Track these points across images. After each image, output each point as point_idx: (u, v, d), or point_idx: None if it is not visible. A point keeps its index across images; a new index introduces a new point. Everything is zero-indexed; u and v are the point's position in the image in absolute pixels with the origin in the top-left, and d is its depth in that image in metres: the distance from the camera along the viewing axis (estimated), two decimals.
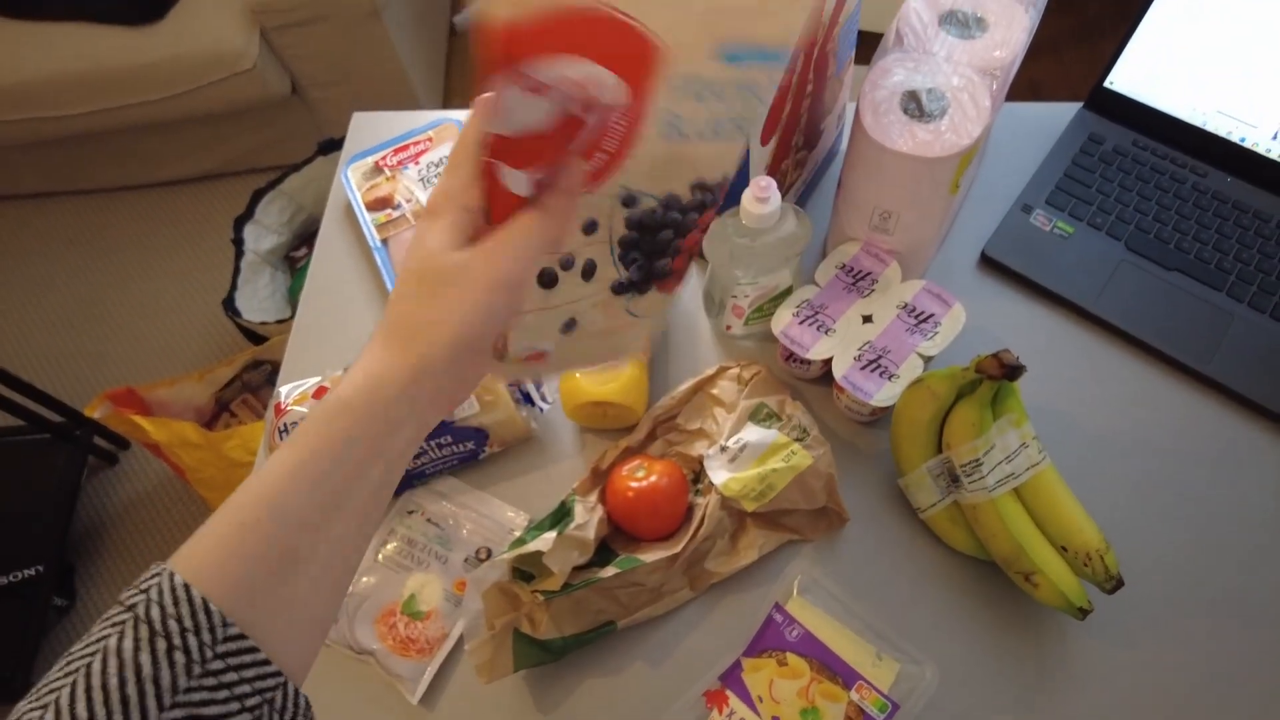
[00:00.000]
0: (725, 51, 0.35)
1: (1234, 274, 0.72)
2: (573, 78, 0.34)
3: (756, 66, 0.36)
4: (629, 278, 0.43)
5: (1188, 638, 0.60)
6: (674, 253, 0.42)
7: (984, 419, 0.58)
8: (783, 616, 0.61)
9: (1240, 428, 0.67)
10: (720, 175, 0.40)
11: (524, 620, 0.58)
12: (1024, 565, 0.58)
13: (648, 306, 0.45)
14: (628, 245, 0.41)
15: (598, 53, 0.34)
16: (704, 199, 0.41)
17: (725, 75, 0.36)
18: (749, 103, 0.38)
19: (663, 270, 0.43)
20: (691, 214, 0.41)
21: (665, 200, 0.40)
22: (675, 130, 0.37)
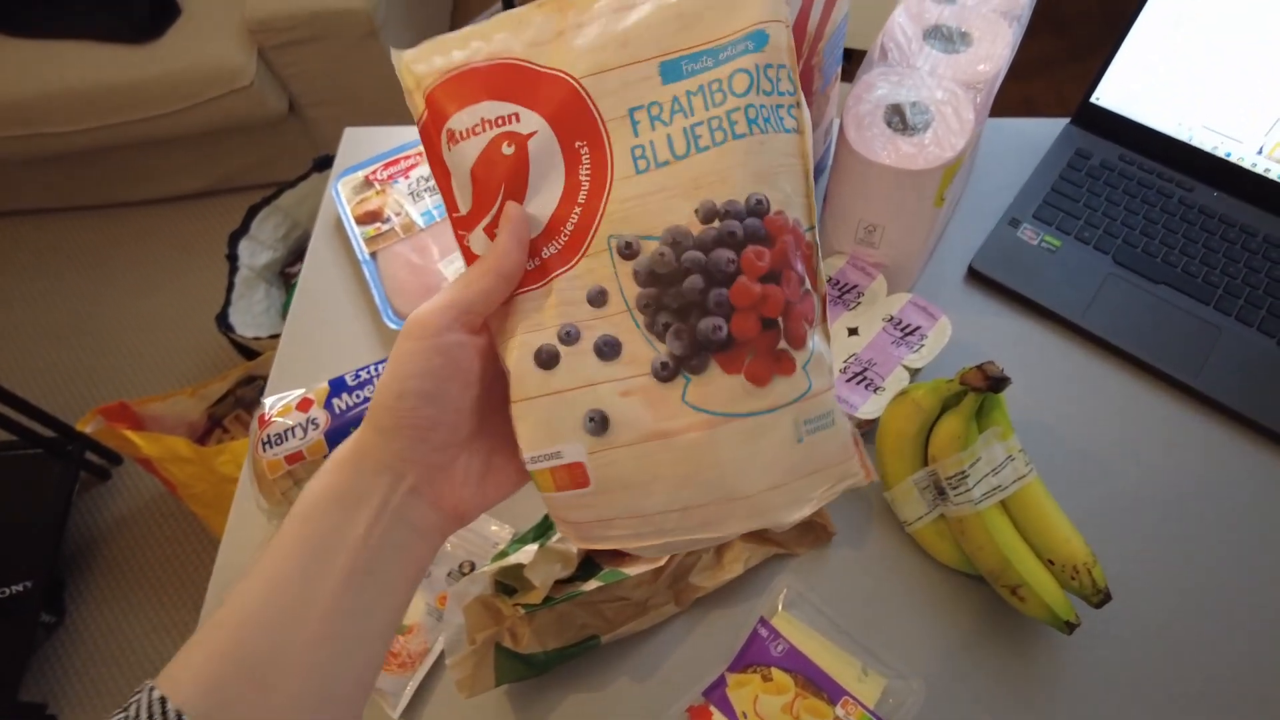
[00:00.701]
0: (663, 70, 0.34)
1: (1221, 288, 0.72)
2: (489, 118, 0.35)
3: (704, 71, 0.34)
4: (670, 353, 0.34)
5: (1176, 652, 0.59)
6: (721, 310, 0.33)
7: (969, 431, 0.58)
8: (768, 631, 0.60)
9: (1228, 441, 0.67)
10: (743, 194, 0.34)
11: (506, 634, 0.58)
12: (1010, 579, 0.57)
13: (728, 401, 0.34)
14: (650, 307, 0.34)
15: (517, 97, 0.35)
16: (731, 229, 0.33)
17: (675, 91, 0.34)
18: (723, 101, 0.34)
19: (714, 338, 0.33)
20: (719, 252, 0.33)
21: (670, 236, 0.33)
22: (648, 160, 0.34)
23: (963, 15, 0.66)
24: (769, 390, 0.34)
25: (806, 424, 0.35)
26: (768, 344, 0.34)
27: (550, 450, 0.35)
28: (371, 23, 1.61)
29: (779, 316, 0.34)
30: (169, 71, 1.64)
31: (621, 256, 0.34)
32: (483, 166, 0.35)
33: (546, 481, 0.36)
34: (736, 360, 0.34)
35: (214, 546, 1.53)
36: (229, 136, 1.80)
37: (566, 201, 0.34)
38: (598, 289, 0.34)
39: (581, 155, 0.34)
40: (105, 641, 1.45)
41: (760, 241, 0.34)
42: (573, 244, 0.34)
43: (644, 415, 0.34)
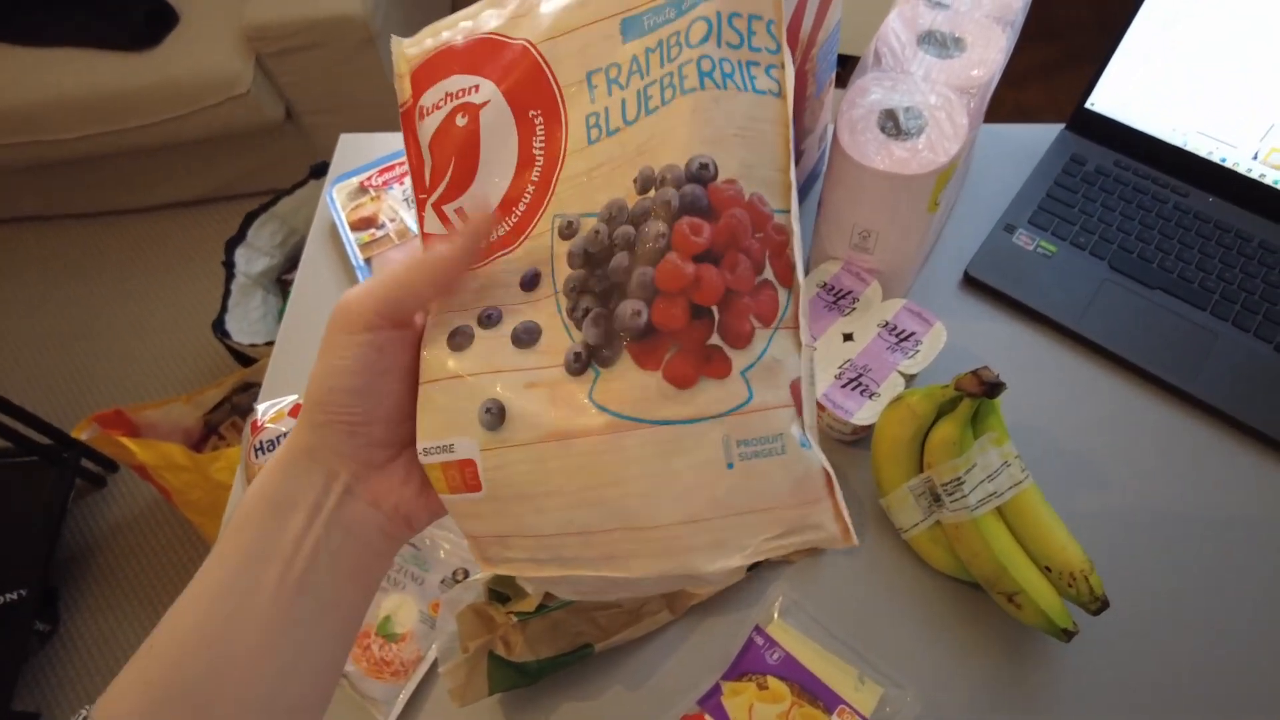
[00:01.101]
0: (624, 27, 0.31)
1: (1217, 293, 0.72)
2: (452, 90, 0.33)
3: (667, 23, 0.30)
4: (584, 342, 0.29)
5: (1174, 658, 0.59)
6: (643, 293, 0.28)
7: (965, 437, 0.58)
8: (763, 639, 0.60)
9: (1224, 446, 0.67)
10: (684, 157, 0.29)
11: (499, 643, 0.57)
12: (1007, 586, 0.57)
13: (640, 403, 0.28)
14: (575, 290, 0.30)
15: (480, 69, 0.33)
16: (666, 198, 0.28)
17: (635, 49, 0.31)
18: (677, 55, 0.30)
19: (631, 325, 0.28)
20: (649, 224, 0.28)
21: (607, 211, 0.30)
22: (600, 129, 0.30)
23: (956, 21, 0.65)
24: (693, 395, 0.28)
25: (742, 444, 0.28)
26: (697, 338, 0.28)
27: (443, 442, 0.31)
28: (368, 30, 1.62)
29: (714, 305, 0.28)
30: (166, 79, 1.64)
31: (561, 237, 0.31)
32: (437, 140, 0.33)
33: (439, 480, 0.31)
34: (655, 353, 0.28)
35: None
36: (226, 144, 1.80)
37: (520, 176, 0.32)
38: (532, 272, 0.31)
39: (536, 125, 0.32)
40: (100, 650, 1.45)
41: (700, 213, 0.28)
42: (521, 225, 0.31)
43: (545, 411, 0.29)
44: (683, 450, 0.28)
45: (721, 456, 0.28)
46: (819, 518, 0.30)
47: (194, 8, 1.71)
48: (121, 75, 1.65)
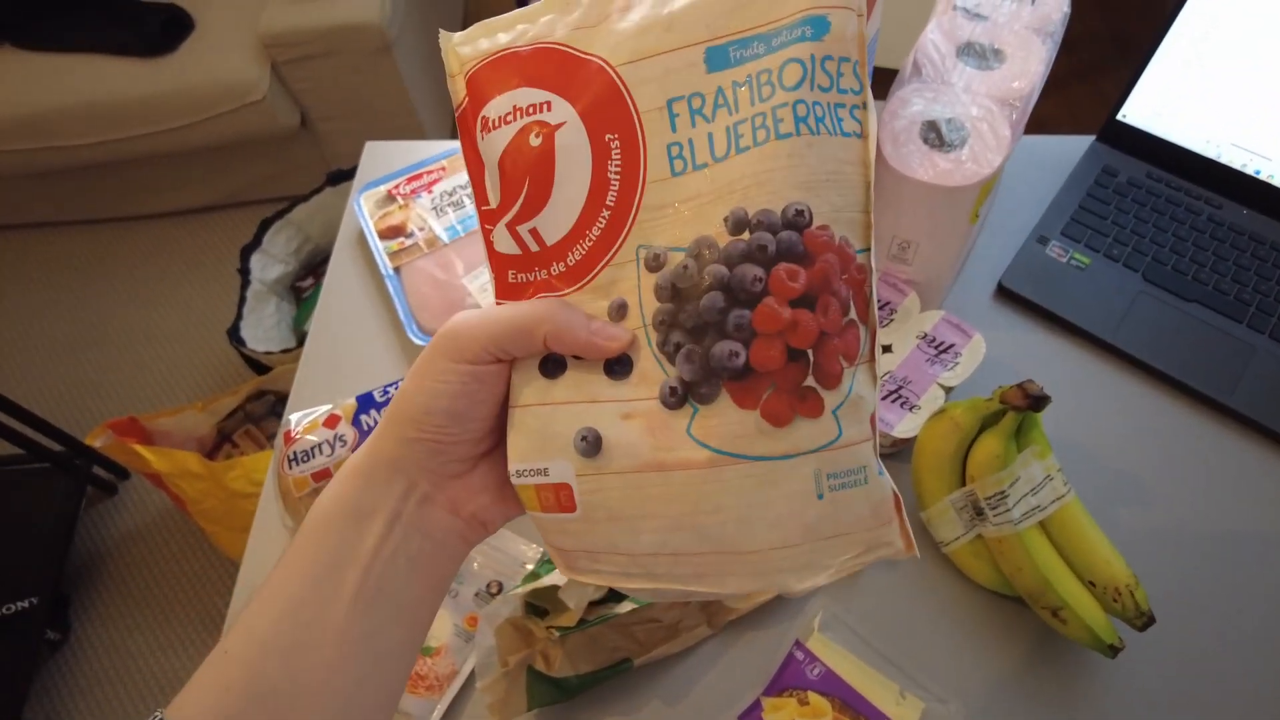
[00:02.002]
0: (709, 57, 0.30)
1: (1254, 305, 0.72)
2: (522, 105, 0.32)
3: (755, 59, 0.30)
4: (679, 377, 0.30)
5: (1222, 675, 0.58)
6: (740, 334, 0.29)
7: (1009, 451, 0.57)
8: (803, 654, 0.59)
9: (1266, 460, 0.66)
10: (780, 202, 0.29)
11: (538, 657, 0.57)
12: (1051, 600, 0.56)
13: (738, 440, 0.29)
14: (665, 324, 0.30)
15: (551, 85, 0.32)
16: (762, 242, 0.29)
17: (721, 81, 0.30)
18: (770, 95, 0.30)
19: (728, 365, 0.29)
20: (744, 268, 0.29)
21: (696, 247, 0.30)
22: (684, 160, 0.30)
23: (995, 32, 0.65)
24: (788, 432, 0.29)
25: (831, 478, 0.30)
26: (792, 379, 0.29)
27: (537, 465, 0.32)
28: (384, 37, 1.62)
29: (809, 348, 0.29)
30: (182, 86, 1.64)
31: (648, 269, 0.31)
32: (510, 157, 0.33)
33: (531, 499, 0.33)
34: (753, 393, 0.29)
35: (223, 563, 1.51)
36: (241, 151, 1.80)
37: (594, 201, 0.31)
38: (619, 301, 0.31)
39: (611, 149, 0.31)
40: (111, 660, 1.44)
41: (796, 259, 0.29)
42: (598, 250, 0.31)
43: (642, 442, 0.30)
44: (777, 482, 0.30)
45: (813, 488, 0.30)
46: (890, 536, 0.32)
47: (210, 15, 1.71)
48: (137, 82, 1.65)
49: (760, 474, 0.30)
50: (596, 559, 0.33)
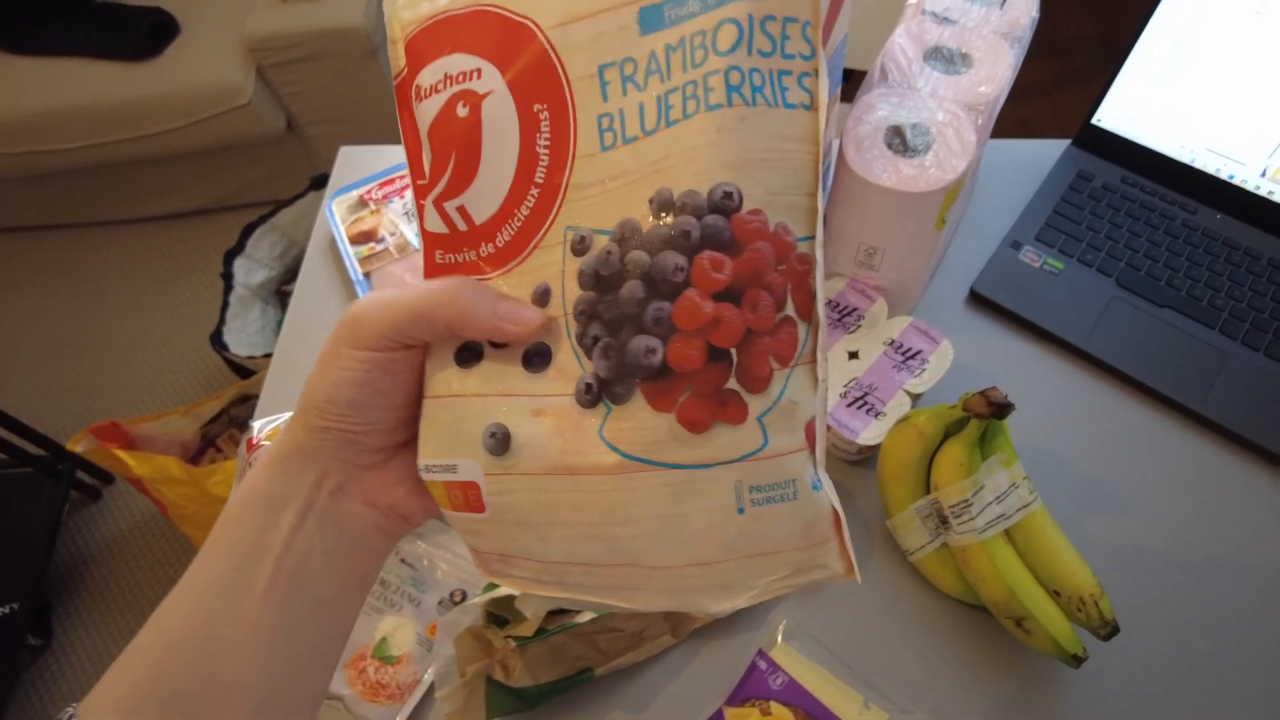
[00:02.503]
0: (642, 18, 0.27)
1: (1227, 311, 0.71)
2: (453, 73, 0.30)
3: (690, 18, 0.27)
4: (595, 374, 0.27)
5: (1186, 685, 0.58)
6: (658, 329, 0.27)
7: (973, 458, 0.57)
8: (767, 663, 0.58)
9: (1236, 467, 0.66)
10: (706, 183, 0.26)
11: (497, 667, 0.56)
12: (1015, 610, 0.56)
13: (652, 445, 0.27)
14: (585, 314, 0.28)
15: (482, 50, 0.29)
16: (685, 227, 0.26)
17: (654, 44, 0.27)
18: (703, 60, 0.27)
19: (645, 363, 0.27)
20: (665, 255, 0.26)
21: (619, 230, 0.27)
22: (614, 134, 0.28)
23: (963, 36, 0.65)
24: (706, 440, 0.27)
25: (754, 490, 0.28)
26: (712, 381, 0.27)
27: (446, 462, 0.30)
28: (370, 41, 1.61)
29: (733, 348, 0.27)
30: (167, 90, 1.64)
31: (573, 252, 0.28)
32: (437, 129, 0.31)
33: (441, 497, 0.31)
34: (669, 395, 0.27)
35: None
36: (226, 155, 1.80)
37: (522, 178, 0.29)
38: (543, 287, 0.29)
39: (540, 121, 0.28)
40: (93, 666, 1.43)
41: (721, 247, 0.26)
42: (527, 230, 0.29)
43: (552, 442, 0.28)
44: (693, 494, 0.28)
45: (733, 502, 0.28)
46: (826, 558, 0.29)
47: (196, 19, 1.71)
48: (123, 86, 1.64)
49: (675, 484, 0.27)
50: (509, 563, 0.31)
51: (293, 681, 0.31)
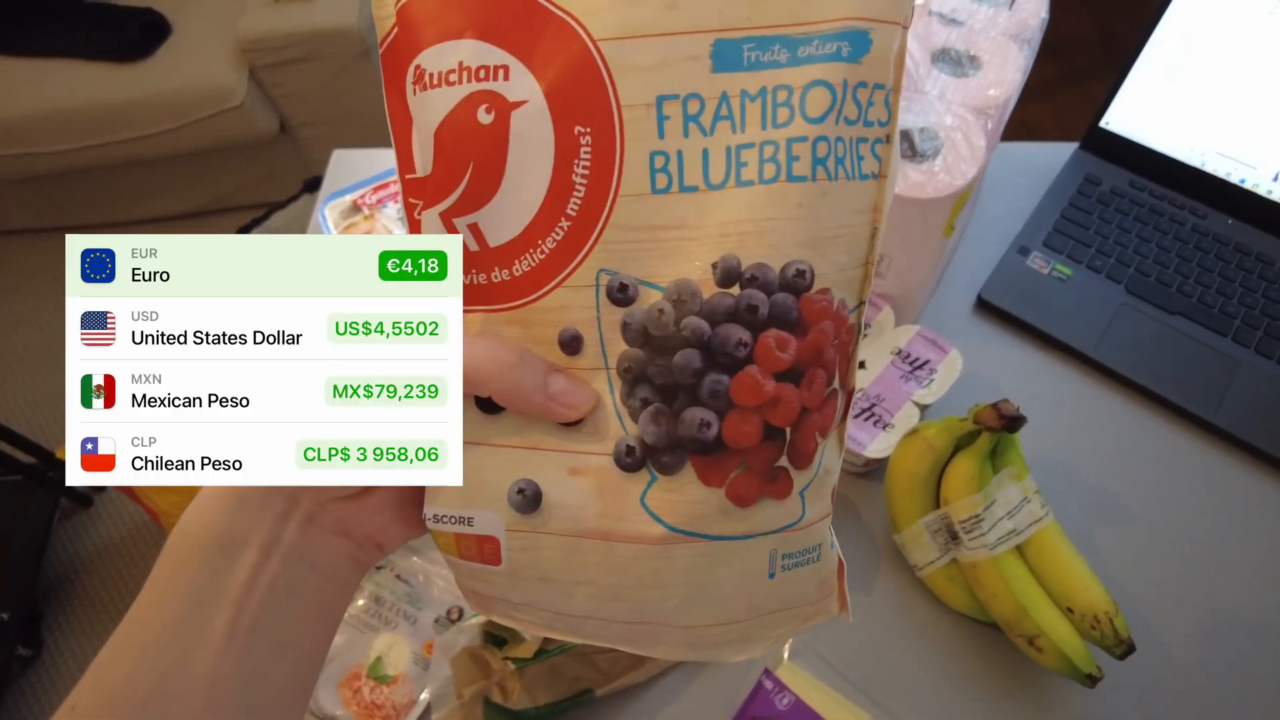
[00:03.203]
0: (716, 52, 0.24)
1: (1239, 318, 0.70)
2: (470, 64, 0.26)
3: (774, 66, 0.25)
4: (640, 438, 0.26)
5: (1204, 704, 0.56)
6: (715, 403, 0.25)
7: (984, 472, 0.55)
8: (772, 683, 0.57)
9: (1250, 478, 0.64)
10: (779, 259, 0.25)
11: (495, 689, 0.55)
12: (1027, 628, 0.54)
13: (698, 518, 0.26)
14: (631, 373, 0.26)
15: (510, 43, 0.26)
16: (753, 302, 0.25)
17: (727, 85, 0.25)
18: (788, 121, 0.25)
19: (698, 437, 0.25)
20: (728, 328, 0.25)
21: (675, 291, 0.25)
22: (669, 176, 0.25)
23: (971, 38, 0.63)
24: (751, 513, 0.27)
25: (786, 558, 0.28)
26: (765, 459, 0.26)
27: (461, 514, 0.28)
28: (363, 43, 1.60)
29: (788, 427, 0.26)
30: (159, 91, 1.62)
31: (611, 299, 0.26)
32: (450, 129, 0.27)
33: (449, 545, 0.29)
34: (720, 470, 0.26)
35: None
36: (219, 157, 1.78)
37: (552, 206, 0.26)
38: (572, 333, 0.26)
39: (581, 146, 0.25)
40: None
41: (788, 326, 0.25)
42: (551, 265, 0.26)
43: (588, 505, 0.27)
44: (729, 562, 0.28)
45: (765, 568, 0.28)
46: (830, 605, 0.31)
47: (188, 20, 1.69)
48: (114, 87, 1.62)
49: (713, 553, 0.27)
50: (518, 609, 0.30)
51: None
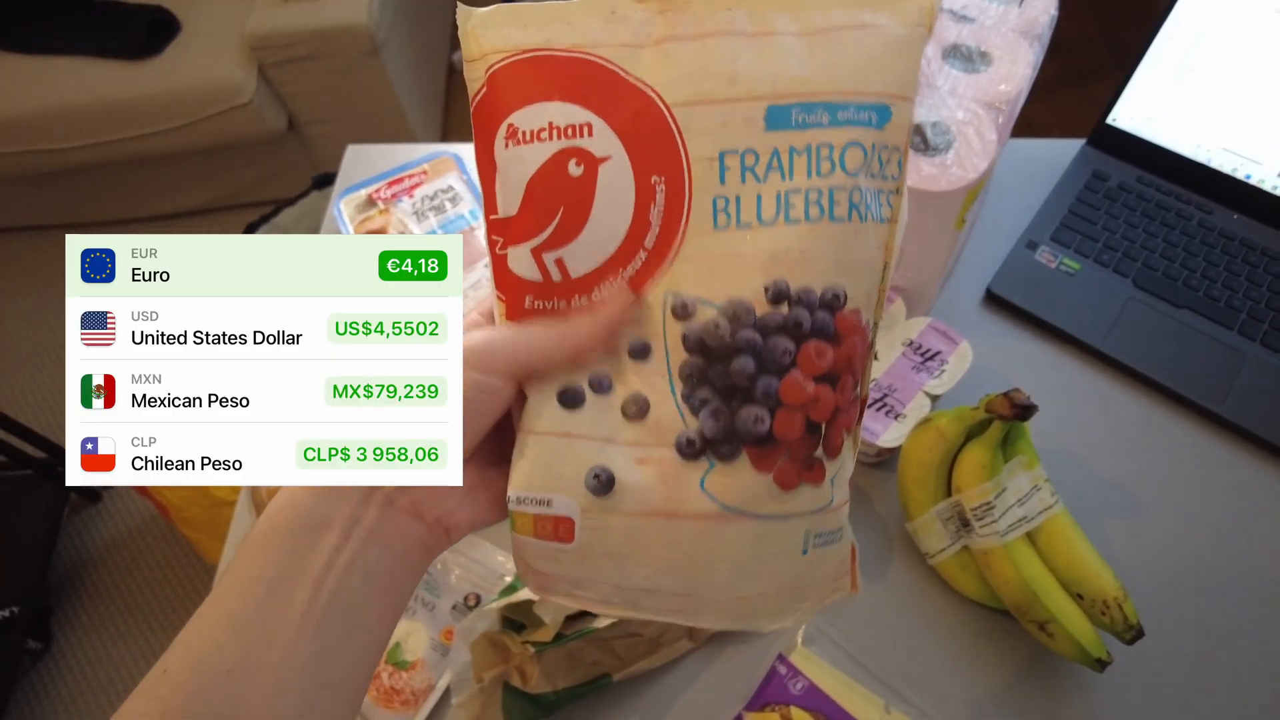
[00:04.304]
0: (769, 115, 0.30)
1: (1245, 312, 0.71)
2: (559, 124, 0.30)
3: (817, 127, 0.30)
4: (700, 432, 0.31)
5: (1212, 689, 0.57)
6: (767, 402, 0.30)
7: (995, 461, 0.56)
8: (786, 668, 0.58)
9: (1256, 469, 0.65)
10: (821, 283, 0.30)
11: (514, 673, 0.55)
12: (1038, 614, 0.55)
13: (749, 498, 0.31)
14: (692, 377, 0.31)
15: (595, 106, 0.30)
16: (798, 318, 0.30)
17: (778, 142, 0.30)
18: (830, 173, 0.30)
19: (753, 430, 0.30)
20: (778, 339, 0.30)
21: (730, 309, 0.30)
22: (728, 216, 0.30)
23: (981, 34, 0.64)
24: (792, 496, 0.31)
25: (816, 537, 0.33)
26: (806, 448, 0.31)
27: (541, 495, 0.32)
28: (372, 40, 1.60)
29: (824, 422, 0.31)
30: (168, 88, 1.63)
31: (675, 316, 0.30)
32: (542, 181, 0.31)
33: (526, 525, 0.32)
34: (770, 458, 0.31)
35: (207, 572, 1.50)
36: (228, 154, 1.78)
37: (631, 243, 0.30)
38: (642, 343, 0.31)
39: (656, 193, 0.30)
40: (93, 670, 1.42)
41: (826, 339, 0.31)
42: (627, 285, 0.31)
43: (654, 489, 0.31)
44: (772, 540, 0.32)
45: (800, 545, 0.33)
46: (844, 582, 0.36)
47: (196, 17, 1.70)
48: (123, 85, 1.63)
49: (761, 531, 0.32)
50: (579, 585, 0.33)
51: (325, 708, 0.29)
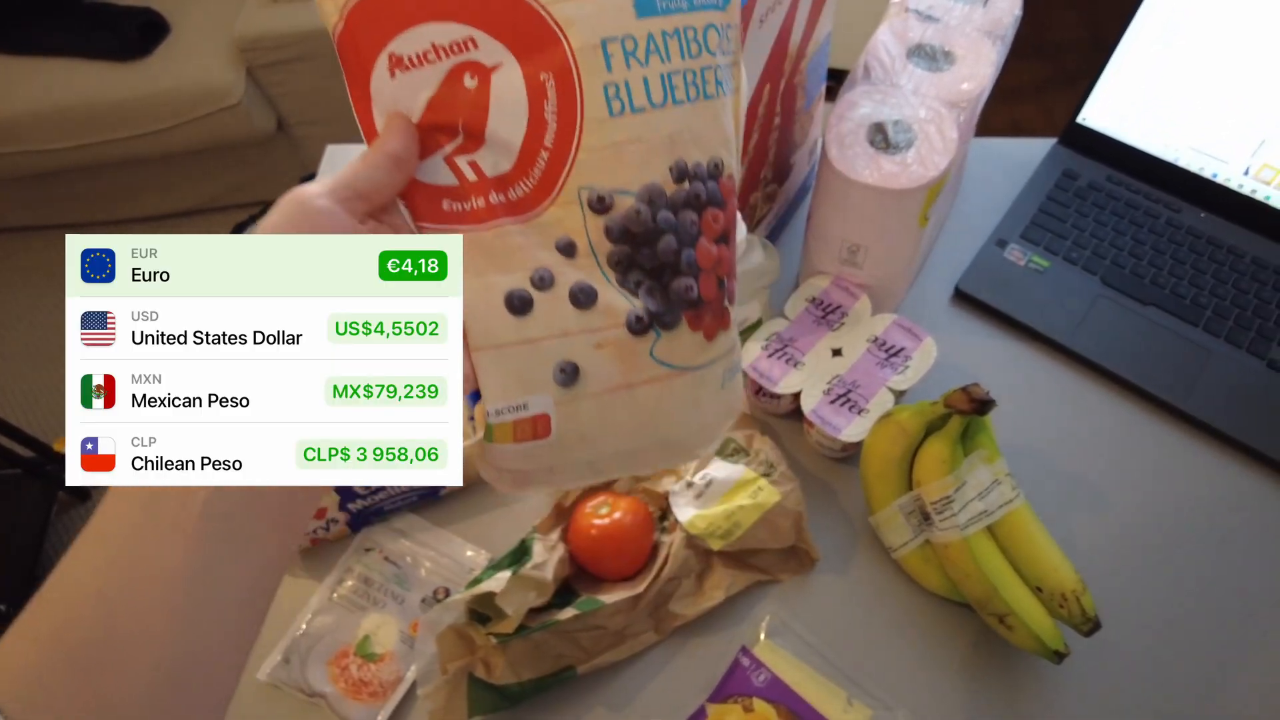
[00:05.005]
0: (638, 3, 0.31)
1: (1210, 309, 0.71)
2: (441, 43, 0.31)
3: (679, 12, 0.32)
4: (645, 309, 0.33)
5: (1168, 680, 0.58)
6: (691, 271, 0.34)
7: (955, 455, 0.57)
8: (750, 660, 0.58)
9: (1218, 464, 0.66)
10: (706, 156, 0.34)
11: (479, 665, 0.56)
12: (998, 607, 0.56)
13: (688, 355, 0.35)
14: (622, 264, 0.33)
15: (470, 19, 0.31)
16: (697, 191, 0.33)
17: (651, 27, 0.32)
18: (699, 54, 0.33)
19: (687, 296, 0.34)
20: (686, 213, 0.33)
21: (646, 194, 0.32)
22: (623, 102, 0.32)
23: (946, 34, 0.65)
24: (714, 344, 0.36)
25: (728, 372, 0.38)
26: (720, 301, 0.36)
27: (516, 402, 0.33)
28: None
29: (726, 276, 0.36)
30: (157, 90, 1.63)
31: (593, 210, 0.32)
32: (442, 100, 0.31)
33: (505, 434, 0.34)
34: (699, 318, 0.35)
35: None
36: (217, 155, 1.79)
37: (531, 141, 0.31)
38: (566, 240, 0.32)
39: (547, 90, 0.31)
40: None
41: (717, 205, 0.34)
42: (541, 189, 0.32)
43: (614, 368, 0.34)
44: (704, 383, 0.36)
45: (720, 383, 0.37)
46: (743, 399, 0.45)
47: (185, 19, 1.71)
48: (112, 86, 1.64)
49: (697, 379, 0.36)
50: (555, 472, 0.36)
51: (212, 629, 0.28)
